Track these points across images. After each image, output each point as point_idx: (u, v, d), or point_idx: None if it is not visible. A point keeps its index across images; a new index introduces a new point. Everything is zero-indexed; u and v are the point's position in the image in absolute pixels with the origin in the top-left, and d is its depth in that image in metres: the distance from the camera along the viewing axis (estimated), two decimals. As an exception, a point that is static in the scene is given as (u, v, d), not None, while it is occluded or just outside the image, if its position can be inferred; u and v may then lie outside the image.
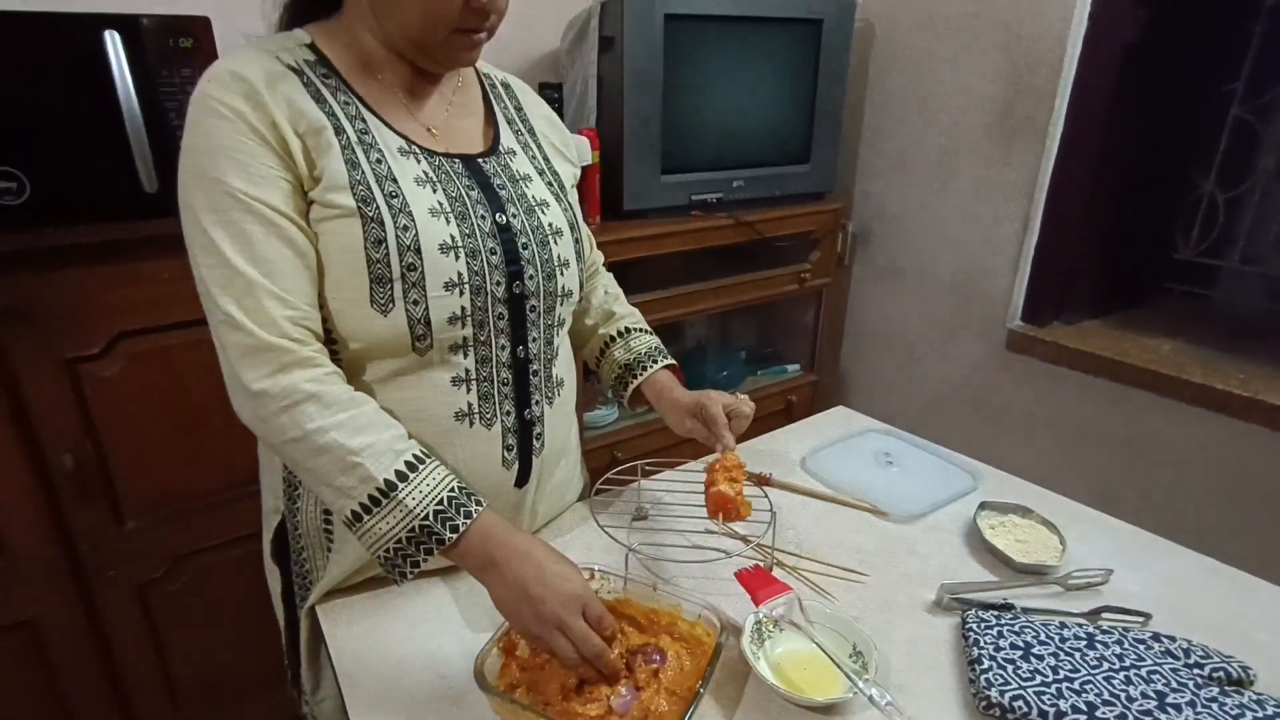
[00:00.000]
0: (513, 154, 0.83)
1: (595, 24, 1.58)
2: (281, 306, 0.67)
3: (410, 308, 0.71)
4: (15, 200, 1.04)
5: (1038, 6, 1.56)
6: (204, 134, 0.66)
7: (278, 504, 0.85)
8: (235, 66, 0.67)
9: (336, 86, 0.72)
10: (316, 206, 0.69)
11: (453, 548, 0.68)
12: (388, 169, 0.71)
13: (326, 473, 0.68)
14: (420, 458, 0.69)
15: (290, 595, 0.89)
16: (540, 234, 0.79)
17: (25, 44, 1.02)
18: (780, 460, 1.09)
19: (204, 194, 0.66)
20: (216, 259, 0.66)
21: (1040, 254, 1.71)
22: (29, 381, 1.09)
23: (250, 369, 0.67)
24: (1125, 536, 0.93)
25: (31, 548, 1.16)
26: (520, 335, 0.79)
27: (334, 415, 0.67)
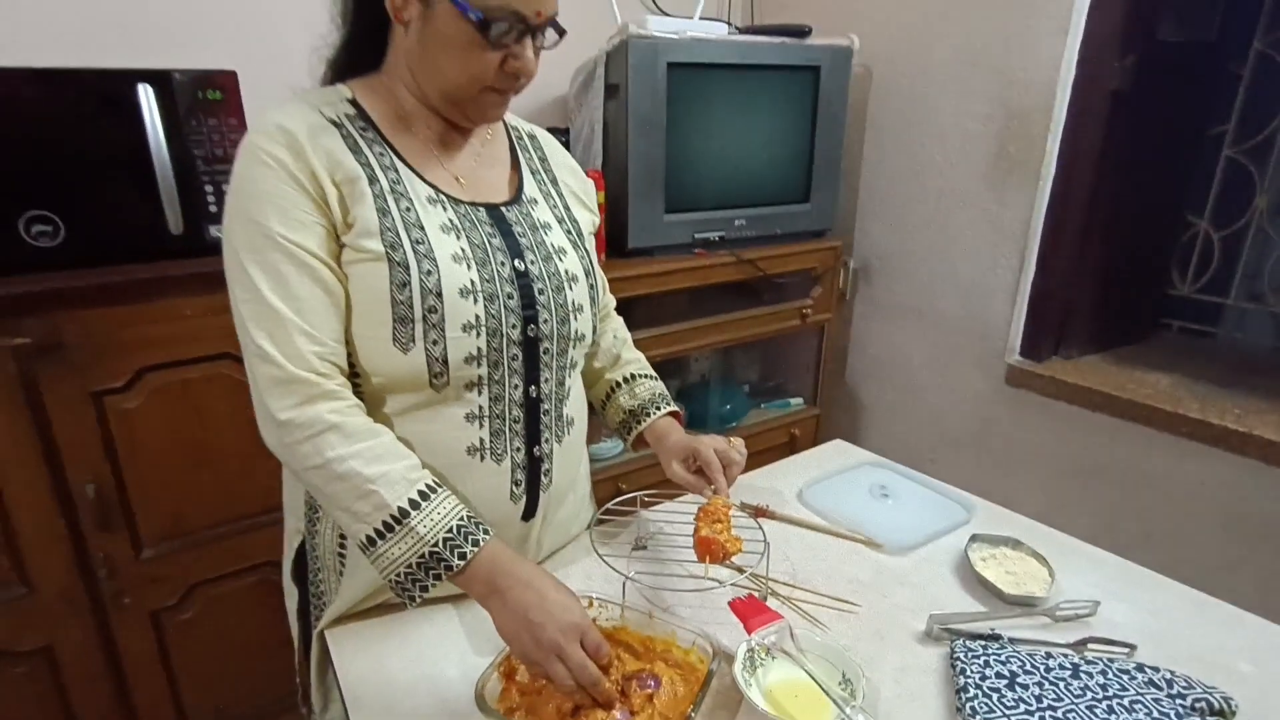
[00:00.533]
0: (534, 203, 0.88)
1: (601, 72, 1.65)
2: (310, 342, 0.72)
3: (429, 347, 0.75)
4: (51, 242, 1.10)
5: (1028, 55, 1.61)
6: (249, 180, 0.72)
7: (299, 525, 0.89)
8: (281, 119, 0.73)
9: (373, 139, 0.78)
10: (348, 250, 0.74)
11: (459, 574, 0.71)
12: (416, 217, 0.76)
13: (344, 498, 0.72)
14: (432, 487, 0.73)
15: (306, 613, 0.92)
16: (556, 280, 0.84)
17: (65, 97, 1.09)
18: (777, 492, 1.12)
19: (246, 234, 0.72)
20: (253, 295, 0.71)
21: (1037, 290, 1.74)
22: (57, 413, 1.14)
23: (278, 399, 0.71)
24: (1113, 569, 0.95)
25: (53, 575, 1.20)
26: (533, 375, 0.83)
27: (353, 445, 0.72)
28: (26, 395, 1.11)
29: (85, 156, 1.12)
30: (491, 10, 0.70)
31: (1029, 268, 1.73)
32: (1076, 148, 1.61)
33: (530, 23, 0.73)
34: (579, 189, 0.96)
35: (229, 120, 1.18)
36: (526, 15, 0.72)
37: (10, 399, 1.10)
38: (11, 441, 1.11)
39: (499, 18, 0.71)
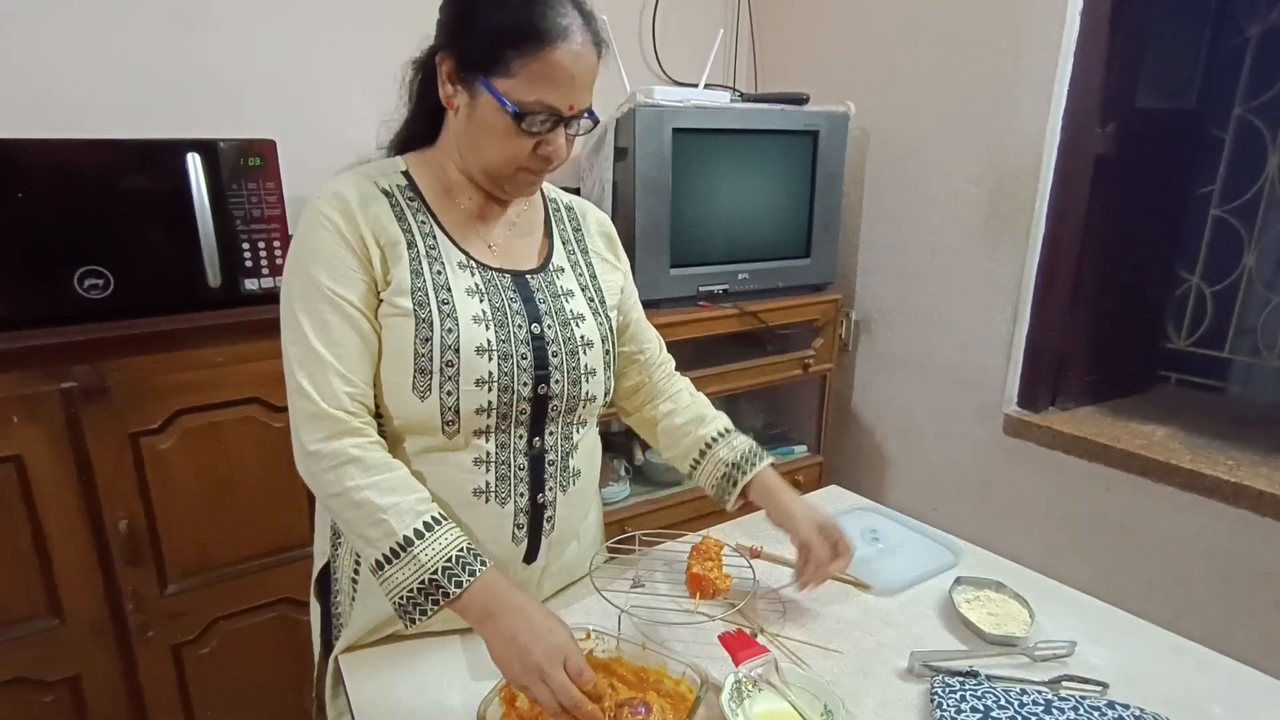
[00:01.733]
0: (561, 271, 0.95)
1: (611, 136, 1.76)
2: (343, 383, 0.81)
3: (444, 397, 0.83)
4: (101, 294, 1.20)
5: (1014, 121, 1.71)
6: (308, 239, 0.82)
7: (325, 548, 0.97)
8: (339, 188, 0.84)
9: (418, 208, 0.87)
10: (385, 305, 0.83)
11: (456, 601, 0.77)
12: (445, 280, 0.85)
13: (359, 524, 0.79)
14: (438, 519, 0.80)
15: (327, 630, 0.99)
16: (571, 344, 0.91)
17: (122, 165, 1.20)
18: (773, 535, 1.16)
19: (300, 286, 0.82)
20: (300, 339, 0.81)
21: (1031, 343, 1.79)
22: (97, 452, 1.22)
23: (310, 431, 0.80)
24: (1093, 612, 0.99)
25: (83, 608, 1.26)
26: (539, 429, 0.90)
27: (370, 477, 0.79)
28: (71, 435, 1.19)
29: (136, 217, 1.22)
30: (526, 105, 0.79)
31: (1023, 321, 1.79)
32: (1064, 208, 1.69)
33: (563, 115, 0.81)
34: (609, 254, 1.03)
35: (267, 184, 1.29)
36: (559, 109, 0.80)
37: (57, 439, 1.18)
38: (55, 479, 1.19)
39: (533, 110, 0.79)
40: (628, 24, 2.12)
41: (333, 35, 1.66)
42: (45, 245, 1.16)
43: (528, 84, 0.78)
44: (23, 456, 1.17)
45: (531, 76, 0.78)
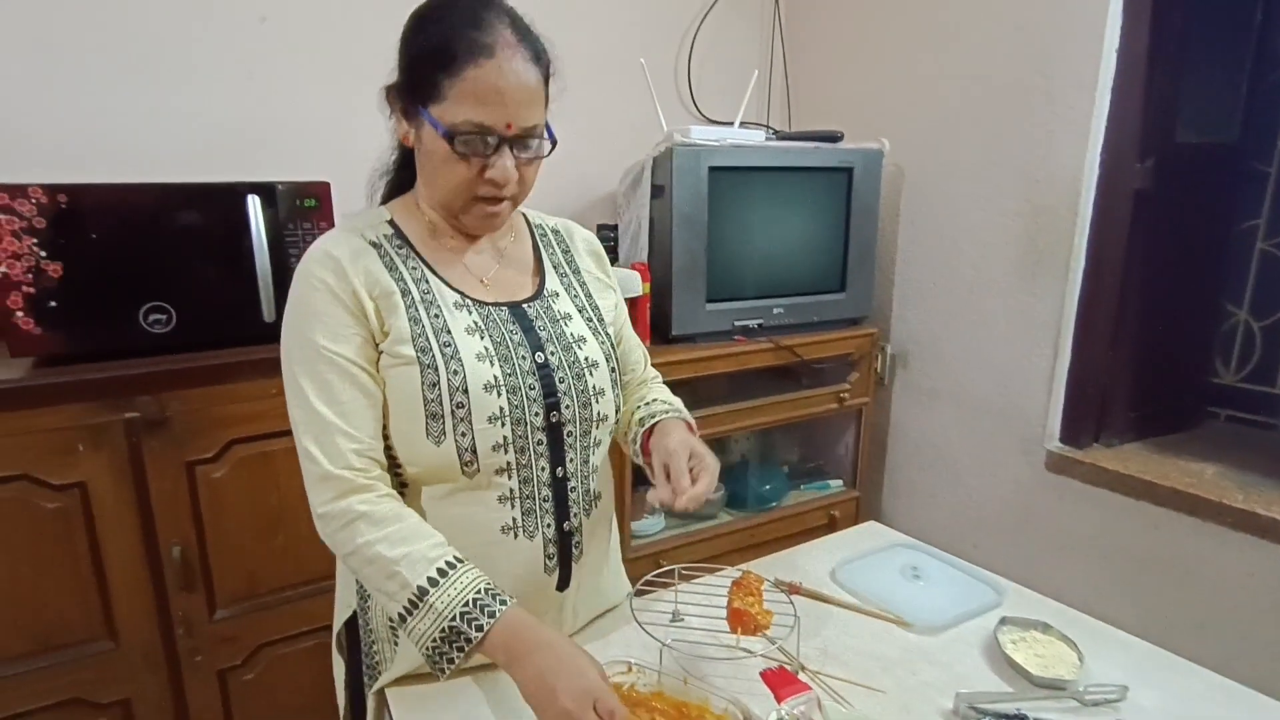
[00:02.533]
0: (556, 295, 0.96)
1: (648, 174, 1.81)
2: (349, 441, 0.81)
3: (459, 439, 0.84)
4: (164, 329, 1.26)
5: (1050, 157, 1.71)
6: (302, 301, 0.83)
7: (351, 600, 0.96)
8: (328, 247, 0.84)
9: (407, 255, 0.88)
10: (385, 356, 0.83)
11: (480, 645, 0.76)
12: (444, 322, 0.85)
13: (375, 580, 0.79)
14: (452, 563, 0.79)
15: (354, 682, 0.98)
16: (577, 368, 0.92)
17: (187, 207, 1.27)
18: (811, 571, 1.16)
19: (298, 349, 0.83)
20: (302, 402, 0.81)
21: (1073, 378, 1.77)
22: (155, 481, 1.27)
23: (319, 494, 0.81)
24: (1143, 654, 0.96)
25: (137, 632, 1.30)
26: (558, 457, 0.91)
27: (380, 530, 0.79)
28: (132, 463, 1.24)
29: (199, 255, 1.29)
30: (456, 125, 0.79)
31: (1064, 356, 1.77)
32: (1104, 242, 1.68)
33: (501, 134, 0.80)
34: (600, 272, 1.04)
35: (321, 223, 1.35)
36: (494, 127, 0.79)
37: (119, 467, 1.23)
38: (115, 505, 1.24)
39: (463, 130, 0.79)
40: (664, 65, 2.18)
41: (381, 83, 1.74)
42: (114, 283, 1.23)
43: (456, 104, 0.79)
44: (87, 483, 1.22)
45: (459, 96, 0.78)
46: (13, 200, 1.13)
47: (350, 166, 1.68)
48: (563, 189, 2.02)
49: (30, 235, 1.15)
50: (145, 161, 1.56)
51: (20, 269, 1.15)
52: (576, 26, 1.97)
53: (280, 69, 1.68)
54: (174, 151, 1.59)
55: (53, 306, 1.18)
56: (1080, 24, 1.62)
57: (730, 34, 2.27)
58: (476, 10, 0.80)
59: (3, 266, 1.14)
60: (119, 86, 1.54)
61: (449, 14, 0.80)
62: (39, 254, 1.16)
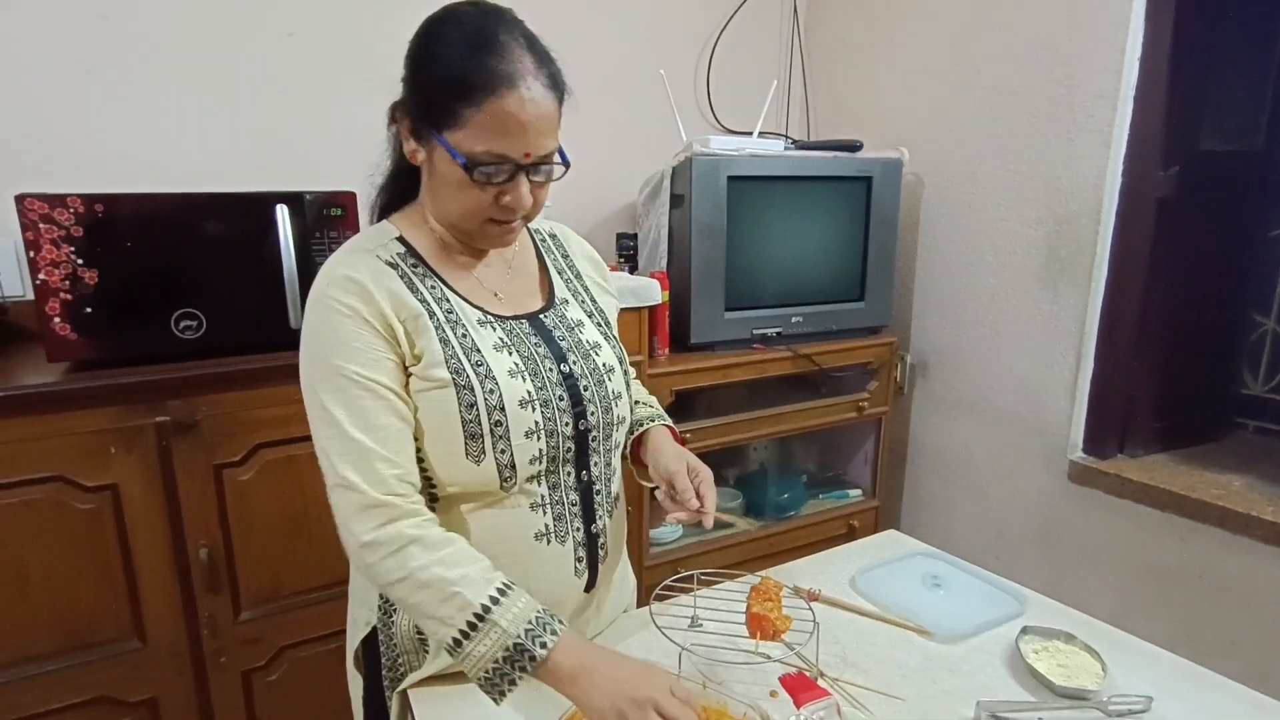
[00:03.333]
0: (566, 303, 0.97)
1: (667, 183, 1.82)
2: (389, 466, 0.79)
3: (499, 456, 0.84)
4: (195, 335, 1.29)
5: (1072, 165, 1.70)
6: (328, 328, 0.80)
7: (370, 617, 0.95)
8: (348, 271, 0.82)
9: (424, 274, 0.86)
10: (416, 379, 0.82)
11: (543, 664, 0.75)
12: (472, 341, 0.84)
13: (429, 605, 0.77)
14: (507, 586, 0.78)
15: (374, 695, 0.98)
16: (597, 375, 0.92)
17: (218, 216, 1.30)
18: (830, 578, 1.16)
19: (327, 378, 0.80)
20: (336, 430, 0.79)
21: (1096, 388, 1.75)
22: (184, 483, 1.29)
23: (361, 523, 0.78)
24: (1169, 666, 0.95)
25: (164, 632, 1.32)
26: (584, 462, 0.92)
27: (434, 554, 0.78)
28: (162, 466, 1.27)
29: (229, 263, 1.31)
30: (477, 155, 0.77)
31: (1086, 365, 1.75)
32: (1126, 251, 1.66)
33: (519, 163, 0.79)
34: (598, 276, 1.04)
35: (346, 232, 1.38)
36: (512, 157, 0.78)
37: (149, 469, 1.26)
38: (145, 507, 1.27)
39: (484, 161, 0.78)
40: (683, 77, 2.20)
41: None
42: (147, 290, 1.26)
43: (476, 135, 0.77)
44: (119, 485, 1.24)
45: (479, 127, 0.76)
46: (52, 210, 1.17)
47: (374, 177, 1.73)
48: (582, 199, 2.04)
49: (68, 244, 1.18)
50: (177, 172, 1.60)
51: (58, 276, 1.18)
52: (597, 38, 2.00)
53: (306, 82, 1.73)
54: (205, 162, 1.64)
55: (88, 313, 1.21)
56: (1101, 33, 1.62)
57: (749, 44, 2.29)
58: (494, 33, 0.77)
59: (42, 274, 1.17)
60: (154, 101, 1.59)
61: (464, 36, 0.77)
62: (76, 262, 1.19)
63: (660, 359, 1.74)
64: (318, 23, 1.72)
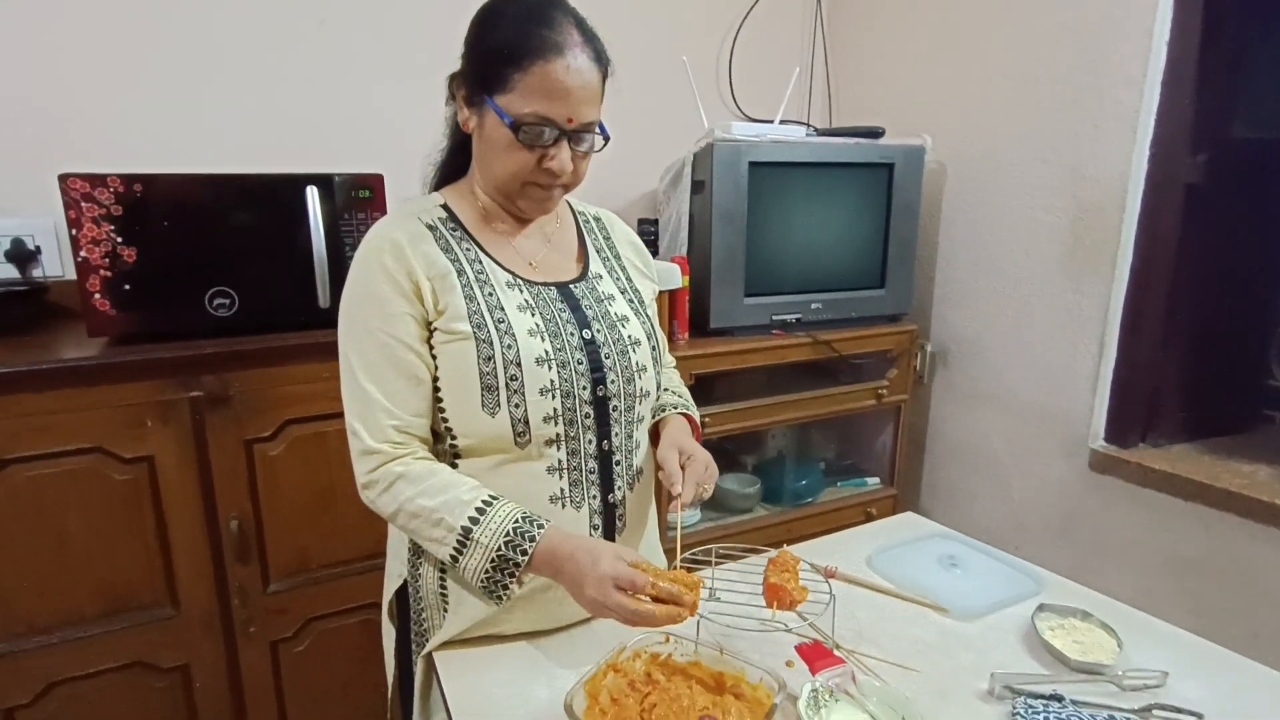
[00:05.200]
0: (600, 278, 1.01)
1: (689, 170, 1.83)
2: (389, 418, 0.86)
3: (513, 410, 0.88)
4: (228, 313, 1.33)
5: (1097, 152, 1.69)
6: (359, 283, 0.88)
7: (402, 570, 1.01)
8: (388, 231, 0.89)
9: (461, 237, 0.93)
10: (440, 334, 0.88)
11: (527, 568, 0.83)
12: (497, 300, 0.90)
13: (424, 531, 0.86)
14: (489, 500, 0.85)
15: (403, 648, 1.03)
16: (621, 345, 0.96)
17: (251, 198, 1.34)
18: (847, 557, 1.17)
19: (350, 329, 0.89)
20: (350, 379, 0.88)
21: (1119, 377, 1.74)
22: (216, 456, 1.33)
23: (362, 465, 0.88)
24: (1185, 644, 0.95)
25: (196, 600, 1.37)
26: (605, 431, 0.95)
27: (418, 486, 0.85)
28: (195, 439, 1.31)
29: (261, 243, 1.35)
30: (523, 116, 0.84)
31: (1110, 355, 1.74)
32: (1153, 239, 1.65)
33: (562, 127, 0.86)
34: (639, 261, 1.09)
35: (374, 214, 1.41)
36: (557, 120, 0.85)
37: (184, 442, 1.30)
38: (179, 478, 1.31)
39: (529, 122, 0.84)
40: (705, 64, 2.21)
41: (431, 80, 1.81)
42: (182, 267, 1.30)
43: (523, 97, 0.83)
44: (154, 457, 1.29)
45: (526, 90, 0.83)
46: (93, 189, 1.21)
47: (401, 159, 1.75)
48: (604, 183, 2.04)
49: (108, 222, 1.22)
50: (212, 154, 1.64)
51: (99, 254, 1.22)
52: (621, 26, 1.98)
53: (337, 68, 1.76)
54: (238, 145, 1.68)
55: (127, 289, 1.25)
56: (1128, 17, 1.60)
57: (772, 32, 2.29)
58: (546, 9, 0.85)
59: (83, 251, 1.21)
60: (190, 86, 1.64)
61: (519, 11, 0.85)
62: (116, 240, 1.23)
63: (680, 343, 1.76)
64: (347, 11, 1.75)
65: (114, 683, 1.33)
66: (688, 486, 0.94)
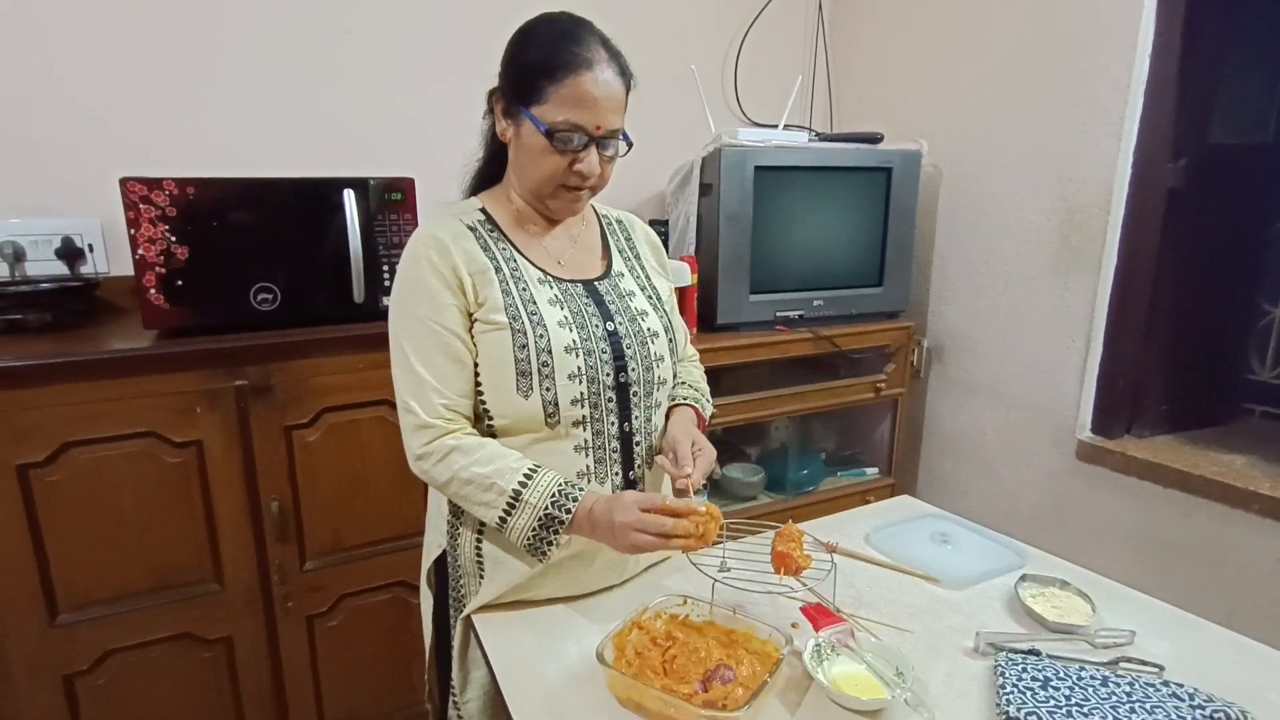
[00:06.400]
0: (621, 276, 1.11)
1: (697, 173, 1.93)
2: (439, 396, 0.97)
3: (544, 393, 0.98)
4: (270, 307, 1.42)
5: (1085, 156, 1.78)
6: (409, 276, 0.98)
7: (440, 540, 1.11)
8: (433, 230, 0.99)
9: (498, 237, 1.03)
10: (479, 324, 0.98)
11: (570, 526, 0.94)
12: (530, 295, 1.00)
13: (476, 495, 0.96)
14: (535, 468, 0.96)
15: (441, 613, 1.13)
16: (640, 337, 1.06)
17: (293, 199, 1.43)
18: (847, 535, 1.26)
19: (401, 318, 0.99)
20: (403, 363, 0.98)
21: (1105, 371, 1.83)
22: (259, 442, 1.43)
23: (417, 438, 0.97)
24: (1156, 611, 1.05)
25: (239, 577, 1.46)
26: (626, 414, 1.05)
27: (471, 456, 0.96)
28: (240, 426, 1.41)
29: (301, 241, 1.45)
30: (557, 124, 0.94)
31: (1095, 350, 1.83)
32: (1136, 240, 1.74)
33: (590, 134, 0.96)
34: (656, 262, 1.19)
35: (405, 215, 1.51)
36: (586, 127, 0.95)
37: (229, 428, 1.40)
38: (225, 462, 1.41)
39: (562, 129, 0.95)
40: (712, 72, 2.31)
41: (459, 89, 1.91)
42: (230, 265, 1.40)
43: (557, 107, 0.94)
44: (203, 441, 1.38)
45: (560, 100, 0.93)
46: (150, 192, 1.30)
47: (431, 163, 1.86)
48: (615, 185, 2.15)
49: (163, 223, 1.32)
50: (260, 159, 1.75)
51: (154, 252, 1.32)
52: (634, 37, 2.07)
53: (375, 78, 1.87)
54: (280, 150, 1.78)
55: (179, 285, 1.35)
56: (1114, 28, 1.69)
57: (775, 41, 2.39)
58: (576, 30, 0.97)
59: (140, 250, 1.31)
60: (238, 96, 1.75)
61: (553, 31, 0.97)
62: (170, 239, 1.32)
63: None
64: (373, 20, 1.85)
65: (164, 653, 1.42)
66: (698, 472, 1.03)
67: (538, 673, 0.92)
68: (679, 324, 1.24)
